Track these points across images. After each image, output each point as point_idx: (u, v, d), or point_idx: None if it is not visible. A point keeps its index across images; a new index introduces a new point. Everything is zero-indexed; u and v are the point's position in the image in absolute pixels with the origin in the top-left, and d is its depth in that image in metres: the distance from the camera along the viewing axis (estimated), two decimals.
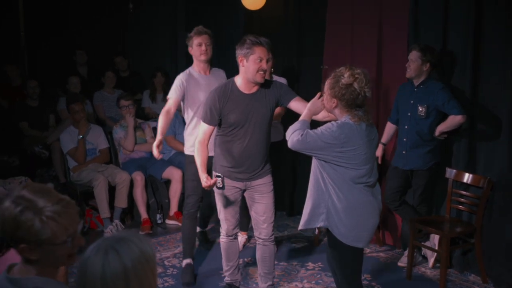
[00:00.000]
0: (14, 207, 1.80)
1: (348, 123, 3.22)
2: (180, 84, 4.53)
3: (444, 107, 4.56)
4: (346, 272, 3.45)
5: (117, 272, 1.64)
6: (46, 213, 1.80)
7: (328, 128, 3.22)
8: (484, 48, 4.53)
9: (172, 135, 6.41)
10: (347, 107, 3.24)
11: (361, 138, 3.22)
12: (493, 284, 4.57)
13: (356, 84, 3.19)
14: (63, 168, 6.65)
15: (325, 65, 5.75)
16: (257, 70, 3.81)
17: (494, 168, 4.56)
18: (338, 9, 5.62)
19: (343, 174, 3.23)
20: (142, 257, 1.68)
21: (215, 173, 4.07)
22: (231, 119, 3.89)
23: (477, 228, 4.53)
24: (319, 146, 3.21)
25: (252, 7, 5.86)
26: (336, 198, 3.26)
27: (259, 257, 4.25)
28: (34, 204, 1.81)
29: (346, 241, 3.30)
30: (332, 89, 3.26)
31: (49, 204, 1.82)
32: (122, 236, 1.71)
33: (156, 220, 6.13)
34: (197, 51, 4.58)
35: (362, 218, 3.29)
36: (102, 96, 7.52)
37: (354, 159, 3.21)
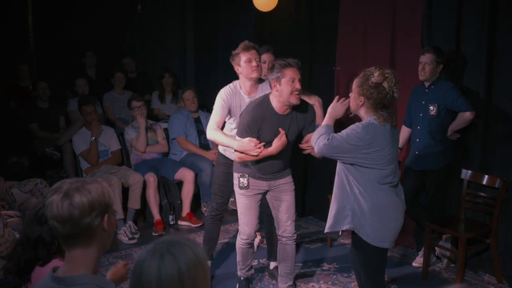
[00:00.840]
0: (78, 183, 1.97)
1: (372, 123, 3.25)
2: (222, 104, 4.34)
3: (453, 105, 4.61)
4: (370, 272, 3.48)
5: (173, 276, 1.66)
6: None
7: (353, 130, 3.25)
8: (499, 48, 4.54)
9: (183, 136, 6.43)
10: (374, 106, 3.26)
11: (385, 139, 3.25)
12: (508, 284, 4.59)
13: (386, 83, 3.22)
14: (74, 170, 6.67)
15: (338, 66, 5.78)
16: (291, 92, 3.85)
17: (508, 168, 4.58)
18: (350, 10, 5.64)
19: (368, 175, 3.26)
20: (196, 260, 1.71)
21: (238, 174, 4.12)
22: (264, 138, 3.97)
23: (492, 228, 4.56)
24: (346, 149, 3.24)
25: (264, 9, 5.85)
26: (362, 200, 3.29)
27: (280, 257, 4.33)
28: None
29: (371, 242, 3.33)
30: (360, 87, 3.28)
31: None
32: (176, 240, 1.74)
33: (168, 221, 6.15)
34: (247, 68, 4.27)
35: (387, 218, 3.32)
36: (112, 97, 7.53)
37: (379, 160, 3.24)
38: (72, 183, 1.96)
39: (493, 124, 4.66)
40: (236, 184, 4.18)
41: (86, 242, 1.97)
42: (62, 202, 1.91)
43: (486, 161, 4.73)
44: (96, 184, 1.98)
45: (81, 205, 1.91)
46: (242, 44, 4.32)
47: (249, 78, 4.31)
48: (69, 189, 1.93)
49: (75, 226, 1.92)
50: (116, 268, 2.97)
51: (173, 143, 6.53)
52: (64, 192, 1.92)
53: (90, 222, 1.94)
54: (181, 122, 6.47)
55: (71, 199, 1.91)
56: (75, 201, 1.91)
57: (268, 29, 6.50)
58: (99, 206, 1.95)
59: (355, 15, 5.58)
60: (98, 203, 1.95)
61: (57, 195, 1.93)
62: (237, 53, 4.29)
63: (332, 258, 5.19)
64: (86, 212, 1.92)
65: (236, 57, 4.29)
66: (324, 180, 6.12)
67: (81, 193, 1.92)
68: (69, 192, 1.92)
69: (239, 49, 4.29)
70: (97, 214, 1.95)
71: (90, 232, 1.96)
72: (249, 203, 4.17)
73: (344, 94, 5.69)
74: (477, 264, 4.85)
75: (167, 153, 6.58)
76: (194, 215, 6.18)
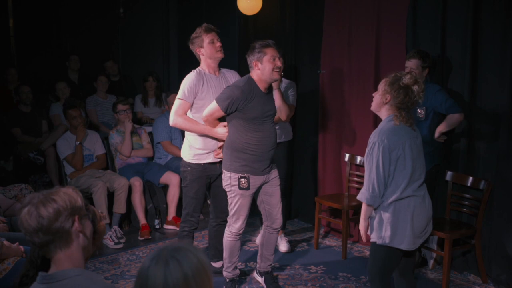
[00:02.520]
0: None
1: (389, 124, 3.40)
2: (193, 86, 4.41)
3: (442, 107, 4.66)
4: (373, 271, 3.58)
5: (178, 281, 1.69)
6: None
7: (372, 146, 3.39)
8: (482, 50, 4.61)
9: (168, 140, 6.42)
10: (398, 106, 3.39)
11: (399, 138, 3.37)
12: (493, 284, 4.66)
13: (416, 87, 3.37)
14: (57, 174, 6.63)
15: (322, 69, 5.81)
16: (272, 69, 4.14)
17: (492, 170, 4.64)
18: (335, 14, 5.69)
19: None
20: (199, 265, 1.75)
21: (237, 175, 4.21)
22: (254, 113, 4.16)
23: (477, 229, 4.62)
24: (384, 162, 3.35)
25: (248, 12, 5.88)
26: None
27: (264, 242, 4.56)
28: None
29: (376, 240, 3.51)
30: (390, 86, 3.39)
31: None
32: (179, 246, 1.78)
33: (154, 226, 6.13)
34: (211, 49, 4.42)
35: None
36: (95, 101, 7.50)
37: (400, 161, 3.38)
38: (36, 197, 2.11)
39: (477, 126, 4.73)
40: (235, 185, 4.24)
41: (63, 244, 2.11)
42: (29, 215, 2.06)
43: (470, 163, 4.80)
44: (60, 193, 2.13)
45: (47, 213, 2.06)
46: (202, 27, 4.43)
47: (213, 59, 4.45)
48: (34, 203, 2.08)
49: (47, 233, 2.07)
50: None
51: (158, 147, 6.52)
52: (30, 206, 2.07)
53: (60, 226, 2.07)
54: (165, 126, 6.43)
55: (38, 210, 2.06)
56: (41, 211, 2.06)
57: (252, 33, 6.51)
58: (65, 210, 2.09)
59: (340, 19, 5.63)
60: (63, 208, 2.08)
61: (26, 209, 2.08)
62: (197, 36, 4.42)
63: (319, 261, 5.21)
64: (53, 218, 2.06)
65: (197, 39, 4.42)
66: (310, 183, 6.16)
67: (46, 203, 2.08)
68: (34, 204, 2.07)
69: (199, 32, 4.42)
70: (65, 218, 2.09)
71: (65, 235, 2.10)
72: (245, 202, 4.30)
73: (329, 96, 5.80)
74: (462, 265, 4.91)
75: (152, 157, 6.56)
76: (179, 218, 6.15)
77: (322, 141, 5.94)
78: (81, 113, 6.35)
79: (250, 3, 5.71)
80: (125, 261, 5.26)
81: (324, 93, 5.83)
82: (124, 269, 5.06)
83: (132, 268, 5.09)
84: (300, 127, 6.18)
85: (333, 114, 5.78)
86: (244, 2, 5.71)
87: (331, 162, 5.90)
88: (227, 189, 4.31)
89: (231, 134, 4.24)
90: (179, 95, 4.41)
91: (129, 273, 4.98)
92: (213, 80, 4.48)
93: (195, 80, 4.38)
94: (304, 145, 6.17)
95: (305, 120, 6.12)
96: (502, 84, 4.48)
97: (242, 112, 4.15)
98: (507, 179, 4.52)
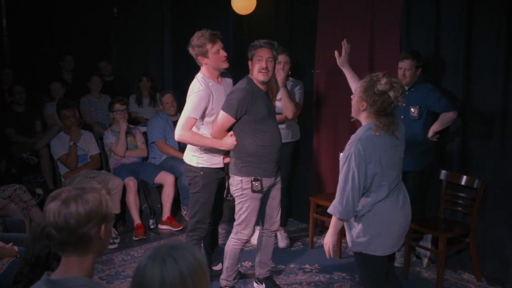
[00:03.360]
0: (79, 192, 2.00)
1: (367, 132, 3.23)
2: (202, 103, 4.20)
3: (435, 106, 4.68)
4: (362, 279, 3.52)
5: (175, 279, 1.70)
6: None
7: (347, 156, 3.23)
8: (476, 49, 4.63)
9: (162, 140, 6.42)
10: (376, 113, 3.19)
11: (378, 149, 3.21)
12: (487, 282, 4.68)
13: (392, 93, 3.14)
14: (51, 175, 6.61)
15: (317, 69, 5.82)
16: (258, 70, 4.10)
17: (486, 168, 4.66)
18: (329, 14, 5.68)
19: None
20: (196, 263, 1.75)
21: (249, 178, 4.15)
22: (262, 113, 4.12)
23: (471, 228, 4.64)
24: (360, 175, 3.18)
25: (242, 12, 5.88)
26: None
27: (263, 247, 4.52)
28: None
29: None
30: (364, 93, 3.19)
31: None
32: (176, 244, 1.77)
33: (149, 225, 6.12)
34: (217, 59, 4.21)
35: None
36: (89, 101, 7.49)
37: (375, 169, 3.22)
38: (70, 191, 1.98)
39: (471, 125, 4.75)
40: (247, 188, 4.16)
41: (82, 250, 2.00)
42: (59, 210, 1.94)
43: (464, 162, 4.81)
44: (94, 193, 2.00)
45: (78, 215, 1.94)
46: (206, 35, 4.16)
47: (218, 69, 4.29)
48: (67, 198, 1.95)
49: (71, 235, 1.95)
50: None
51: (153, 147, 6.51)
52: (62, 200, 1.95)
53: (87, 232, 1.97)
54: (160, 126, 6.45)
55: (68, 208, 1.94)
56: (72, 210, 1.94)
57: (246, 32, 6.52)
58: (96, 216, 1.98)
59: (334, 19, 5.62)
60: (95, 213, 1.97)
61: (55, 203, 1.96)
62: (200, 45, 4.16)
63: (314, 260, 5.22)
64: (83, 222, 1.95)
65: (200, 48, 4.17)
66: (306, 182, 6.16)
67: (78, 202, 1.95)
68: (66, 200, 1.95)
69: (203, 40, 4.15)
70: (94, 224, 1.98)
71: (87, 241, 1.99)
72: (256, 206, 4.24)
73: (323, 96, 5.80)
74: (456, 263, 4.93)
75: (146, 157, 6.55)
76: (174, 218, 6.17)
77: (316, 141, 5.94)
78: (74, 113, 6.33)
79: (244, 3, 5.71)
80: (120, 261, 5.25)
81: (318, 93, 5.83)
82: (119, 269, 5.05)
83: (127, 268, 5.09)
84: None
85: (327, 114, 5.78)
86: (239, 1, 5.70)
87: (325, 161, 5.90)
88: (237, 194, 4.22)
89: (240, 141, 4.15)
90: (187, 111, 4.17)
91: (124, 273, 4.97)
92: (218, 90, 4.31)
93: (204, 97, 4.17)
94: (298, 144, 6.16)
95: (300, 120, 6.11)
96: (495, 83, 4.50)
97: (250, 113, 4.09)
98: (501, 177, 4.55)
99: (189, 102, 4.18)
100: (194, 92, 4.19)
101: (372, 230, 3.28)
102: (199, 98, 4.15)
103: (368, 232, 3.29)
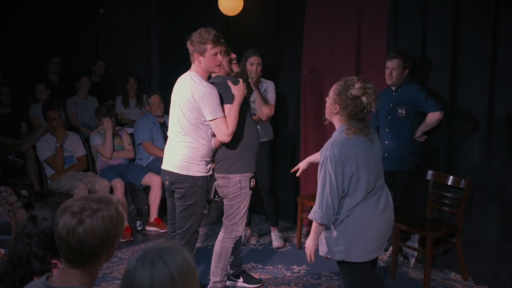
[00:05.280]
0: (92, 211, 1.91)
1: (341, 135, 3.22)
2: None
3: (422, 106, 4.71)
4: (346, 285, 3.50)
5: (165, 281, 1.69)
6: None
7: (323, 160, 3.20)
8: (462, 50, 4.66)
9: (149, 141, 6.39)
10: (348, 117, 3.21)
11: (353, 151, 3.19)
12: (474, 282, 4.71)
13: (364, 98, 3.16)
14: (37, 176, 6.57)
15: (304, 69, 5.83)
16: (215, 64, 4.06)
17: (472, 168, 4.69)
18: (316, 15, 5.69)
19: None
20: (186, 265, 1.74)
21: (248, 175, 4.15)
22: (247, 104, 4.17)
23: (458, 228, 4.67)
24: (338, 178, 3.15)
25: (229, 13, 5.88)
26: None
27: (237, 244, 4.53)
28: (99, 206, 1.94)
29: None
30: (338, 96, 3.21)
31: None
32: (165, 246, 1.77)
33: (136, 227, 6.10)
34: (211, 62, 3.99)
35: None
36: (75, 102, 7.46)
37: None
38: (85, 205, 1.90)
39: (457, 125, 4.77)
40: (245, 186, 4.14)
41: (88, 266, 1.96)
42: (74, 228, 1.87)
43: (451, 162, 4.84)
44: (110, 209, 1.93)
45: (93, 235, 1.88)
46: (211, 34, 3.95)
47: (209, 71, 4.09)
48: (82, 215, 1.88)
49: (82, 255, 1.91)
50: None
51: (139, 148, 6.49)
52: (78, 219, 1.87)
53: (98, 252, 1.93)
54: (147, 127, 6.43)
55: (84, 227, 1.87)
56: (88, 230, 1.87)
57: (234, 33, 6.52)
58: (112, 237, 1.93)
59: (321, 19, 5.63)
60: (111, 233, 1.92)
61: (70, 219, 1.88)
62: (202, 42, 3.94)
63: (302, 260, 5.19)
64: (97, 244, 1.90)
65: (200, 45, 3.95)
66: (292, 183, 6.17)
67: (94, 220, 1.88)
68: (82, 219, 1.88)
69: (206, 38, 3.94)
70: (108, 244, 1.94)
71: (96, 259, 1.96)
72: (249, 202, 4.25)
73: (311, 97, 5.81)
74: (443, 263, 4.95)
75: (133, 159, 6.53)
76: (161, 220, 6.14)
77: (304, 141, 5.95)
78: (60, 115, 6.30)
79: (231, 3, 5.72)
80: (107, 263, 5.21)
81: (306, 93, 5.84)
82: (106, 271, 5.02)
83: (114, 270, 5.06)
84: (282, 127, 6.19)
85: (315, 114, 5.78)
86: (225, 2, 5.71)
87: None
88: (234, 194, 4.14)
89: (237, 135, 4.06)
90: (214, 114, 3.92)
91: (111, 275, 4.95)
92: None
93: (217, 94, 4.00)
94: (286, 145, 6.18)
95: (287, 120, 6.13)
96: (482, 84, 4.52)
97: (244, 103, 4.11)
98: (487, 177, 4.57)
99: (208, 105, 3.92)
100: (208, 93, 3.93)
101: (352, 236, 3.23)
102: (217, 97, 3.97)
103: (347, 239, 3.23)
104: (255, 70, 5.22)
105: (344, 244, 3.24)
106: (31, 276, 2.36)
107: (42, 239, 2.30)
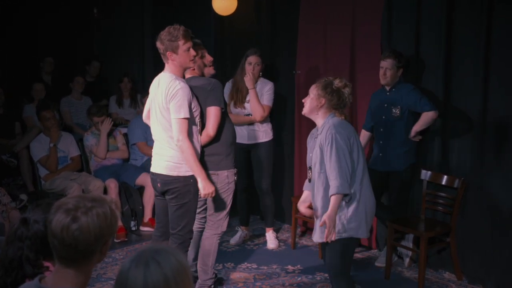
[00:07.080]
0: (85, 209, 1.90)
1: (334, 119, 3.54)
2: (190, 100, 4.00)
3: (416, 106, 4.71)
4: (338, 267, 3.60)
5: (159, 283, 1.69)
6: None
7: (332, 138, 3.45)
8: (456, 49, 4.67)
9: (144, 141, 6.37)
10: (334, 107, 3.55)
11: (351, 128, 3.59)
12: (468, 281, 4.72)
13: (346, 90, 3.58)
14: (31, 177, 6.55)
15: (298, 69, 5.82)
16: (189, 59, 4.04)
17: (466, 168, 4.70)
18: (310, 15, 5.69)
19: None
20: (179, 266, 1.74)
21: (234, 170, 4.24)
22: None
23: (452, 227, 4.68)
24: (346, 154, 3.44)
25: (223, 13, 5.87)
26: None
27: (215, 249, 4.42)
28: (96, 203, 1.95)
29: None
30: (323, 90, 3.55)
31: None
32: (159, 247, 1.77)
33: (130, 227, 6.08)
34: (185, 57, 3.92)
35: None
36: (69, 103, 7.42)
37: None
38: (79, 203, 1.90)
39: (451, 124, 4.78)
40: (232, 181, 4.23)
41: (82, 264, 1.95)
42: (68, 225, 1.87)
43: (445, 162, 4.84)
44: (105, 208, 1.93)
45: (87, 233, 1.88)
46: (180, 31, 3.89)
47: (185, 68, 4.03)
48: (77, 212, 1.88)
49: (76, 253, 1.90)
50: None
51: (134, 148, 6.47)
52: (72, 216, 1.87)
53: (92, 250, 1.92)
54: (141, 127, 6.38)
55: (78, 225, 1.87)
56: (82, 227, 1.87)
57: (228, 33, 6.51)
58: (105, 235, 1.93)
59: (316, 18, 5.63)
60: (105, 231, 1.92)
61: (64, 216, 1.88)
62: (173, 39, 3.86)
63: (296, 261, 5.22)
64: (91, 242, 1.90)
65: (171, 43, 3.87)
66: (286, 183, 6.17)
67: (89, 218, 1.88)
68: (76, 216, 1.87)
69: (176, 35, 3.87)
70: (101, 242, 1.93)
71: (90, 257, 1.94)
72: (232, 195, 4.32)
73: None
74: (437, 263, 4.96)
75: (127, 159, 6.51)
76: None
77: (298, 141, 5.94)
78: (54, 115, 6.29)
79: (225, 3, 5.70)
80: (101, 264, 5.20)
81: (300, 93, 5.82)
82: (100, 272, 5.01)
83: (108, 270, 5.05)
84: (277, 127, 6.17)
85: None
86: (219, 2, 5.69)
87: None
88: (222, 190, 4.18)
89: (223, 133, 4.17)
90: (181, 113, 3.83)
91: (105, 276, 4.93)
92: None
93: (190, 94, 3.93)
94: (280, 145, 6.17)
95: (282, 120, 6.13)
96: (475, 83, 4.53)
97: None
98: (481, 177, 4.58)
99: (178, 102, 3.83)
100: (180, 90, 3.85)
101: (362, 213, 3.51)
102: (188, 96, 3.89)
103: (358, 216, 3.50)
104: (252, 70, 5.24)
105: (355, 221, 3.50)
106: (23, 279, 2.34)
107: (34, 242, 2.29)
